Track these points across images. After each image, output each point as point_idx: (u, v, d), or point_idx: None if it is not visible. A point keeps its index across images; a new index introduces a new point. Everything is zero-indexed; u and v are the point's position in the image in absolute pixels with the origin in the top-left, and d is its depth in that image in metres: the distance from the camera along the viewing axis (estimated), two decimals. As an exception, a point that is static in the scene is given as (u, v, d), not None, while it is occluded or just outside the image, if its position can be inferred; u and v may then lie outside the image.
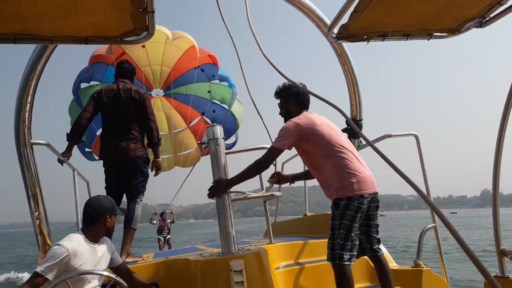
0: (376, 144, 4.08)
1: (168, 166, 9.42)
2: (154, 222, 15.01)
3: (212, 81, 8.83)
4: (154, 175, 4.13)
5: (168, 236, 15.32)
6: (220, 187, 2.91)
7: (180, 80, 9.30)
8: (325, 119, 3.02)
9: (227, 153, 3.22)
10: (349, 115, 4.16)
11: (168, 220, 15.43)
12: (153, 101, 9.66)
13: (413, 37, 2.47)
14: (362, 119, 4.11)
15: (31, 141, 3.29)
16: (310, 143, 2.86)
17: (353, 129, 4.12)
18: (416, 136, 3.68)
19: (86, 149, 8.34)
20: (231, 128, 9.66)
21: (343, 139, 2.90)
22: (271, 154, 2.87)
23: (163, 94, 10.03)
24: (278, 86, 3.16)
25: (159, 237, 15.29)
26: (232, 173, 3.21)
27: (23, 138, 3.22)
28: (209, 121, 9.63)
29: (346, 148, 2.83)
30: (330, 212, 4.65)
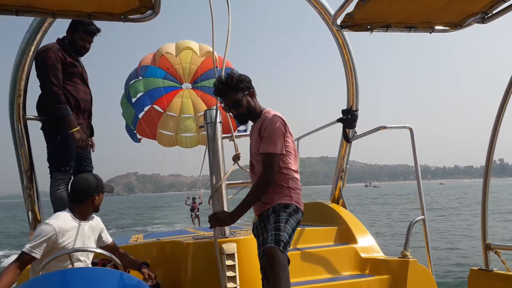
0: (370, 135, 4.11)
1: (191, 144, 11.64)
2: (187, 203, 22.72)
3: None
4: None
5: (198, 213, 22.40)
6: (221, 221, 2.68)
7: (204, 76, 11.82)
8: None
9: (236, 136, 3.25)
10: (345, 105, 4.18)
11: (198, 202, 22.24)
12: (183, 92, 12.39)
13: (415, 29, 2.49)
14: (358, 110, 4.14)
15: (26, 116, 3.25)
16: (287, 147, 2.59)
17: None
18: (410, 129, 3.72)
19: (134, 131, 10.58)
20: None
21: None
22: (273, 162, 2.49)
23: (191, 87, 12.50)
24: (226, 79, 2.60)
25: (191, 213, 22.81)
26: (228, 155, 3.25)
27: (17, 113, 3.17)
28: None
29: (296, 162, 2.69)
30: (322, 201, 4.74)
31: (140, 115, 11.13)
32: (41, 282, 2.17)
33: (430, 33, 2.58)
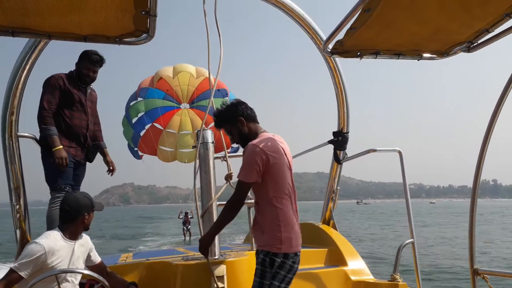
0: (360, 158, 4.14)
1: (189, 159, 12.20)
2: (180, 217, 26.17)
3: (224, 98, 11.81)
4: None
5: (189, 226, 25.14)
6: (205, 244, 2.66)
7: (201, 96, 12.86)
8: (283, 143, 2.60)
9: (229, 157, 3.26)
10: (336, 127, 4.23)
11: (190, 216, 25.10)
12: (181, 111, 13.35)
13: (404, 56, 2.56)
14: (348, 132, 4.19)
15: (18, 133, 3.24)
16: (267, 175, 2.43)
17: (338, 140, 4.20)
18: (399, 152, 3.77)
19: (134, 148, 11.26)
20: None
21: (290, 178, 2.54)
22: (240, 189, 2.45)
23: (189, 106, 13.48)
24: (216, 113, 2.68)
25: (183, 227, 25.68)
26: (220, 175, 3.29)
27: (9, 130, 3.17)
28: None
29: (291, 193, 2.50)
30: (313, 222, 4.74)
31: (142, 133, 11.74)
32: None
33: (418, 60, 2.65)
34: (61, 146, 3.46)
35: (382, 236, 28.24)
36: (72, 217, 2.66)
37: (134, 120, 11.88)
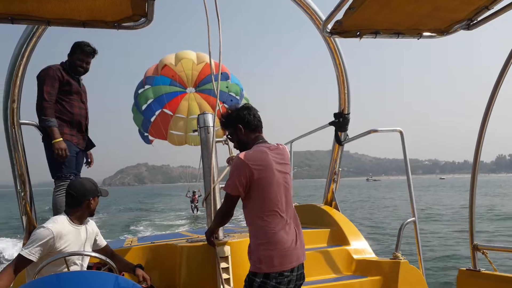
0: (361, 139, 4.15)
1: (196, 143, 12.75)
2: (188, 195, 31.34)
3: (226, 80, 12.46)
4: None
5: (197, 204, 29.30)
6: (208, 238, 2.82)
7: (205, 80, 13.49)
8: (282, 154, 2.51)
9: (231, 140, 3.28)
10: (337, 108, 4.24)
11: (198, 195, 29.27)
12: (188, 95, 14.06)
13: (403, 35, 2.54)
14: (349, 113, 4.19)
15: (20, 121, 3.26)
16: (251, 192, 2.36)
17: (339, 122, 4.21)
18: (400, 132, 3.78)
19: (145, 134, 11.80)
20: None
21: (283, 191, 2.42)
22: (227, 201, 2.46)
23: (195, 90, 14.18)
24: (221, 116, 2.69)
25: (191, 204, 30.46)
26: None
27: (11, 118, 3.19)
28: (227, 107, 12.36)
29: (280, 207, 2.37)
30: (315, 203, 4.79)
31: (152, 119, 12.38)
32: (36, 286, 2.19)
33: (418, 39, 2.64)
34: (61, 138, 3.51)
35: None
36: (78, 202, 2.71)
37: (143, 107, 12.40)
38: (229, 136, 2.70)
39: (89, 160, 4.11)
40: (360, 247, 3.93)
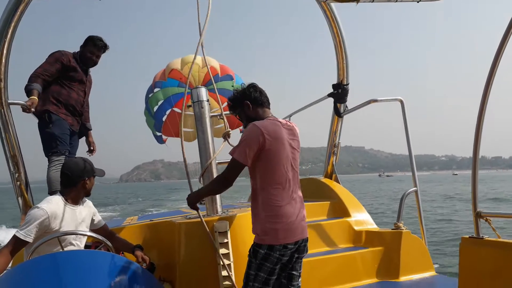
0: (361, 109, 4.06)
1: (189, 138, 12.34)
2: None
3: (232, 81, 12.04)
4: None
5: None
6: (190, 202, 2.60)
7: (210, 82, 13.28)
8: (291, 129, 2.47)
9: (226, 114, 3.19)
10: (336, 79, 4.13)
11: None
12: None
13: None
14: (348, 83, 4.09)
15: (8, 100, 3.17)
16: (259, 162, 2.31)
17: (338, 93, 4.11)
18: (401, 101, 3.70)
19: (158, 134, 11.39)
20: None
21: (291, 166, 2.38)
22: (233, 170, 2.34)
23: None
24: (229, 98, 2.64)
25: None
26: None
27: None
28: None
29: (287, 181, 2.34)
30: (316, 177, 4.75)
31: (163, 118, 13.05)
32: (31, 266, 2.15)
33: (418, 2, 2.52)
34: (37, 98, 3.39)
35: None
36: (73, 182, 2.65)
37: (155, 108, 13.09)
38: (238, 117, 2.59)
39: (92, 148, 4.21)
40: (361, 218, 3.91)
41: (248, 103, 2.48)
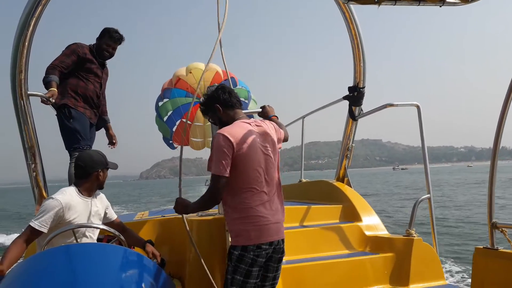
0: (376, 113, 4.03)
1: (198, 147, 13.30)
2: (206, 184, 28.76)
3: (236, 87, 12.68)
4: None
5: None
6: (178, 210, 2.62)
7: None
8: (265, 128, 2.47)
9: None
10: (352, 82, 4.10)
11: None
12: None
13: (425, 2, 2.39)
14: (364, 87, 4.06)
15: (28, 92, 3.22)
16: (233, 168, 2.29)
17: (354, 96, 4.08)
18: (417, 106, 3.66)
19: (170, 141, 12.28)
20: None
21: (265, 168, 2.37)
22: (216, 184, 2.30)
23: None
24: (200, 102, 2.65)
25: None
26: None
27: (19, 89, 3.15)
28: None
29: (260, 184, 2.34)
30: (327, 180, 4.73)
31: (174, 129, 13.48)
32: (45, 257, 2.18)
33: (440, 6, 2.48)
34: (56, 90, 3.43)
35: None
36: (86, 173, 2.68)
37: (165, 118, 13.47)
38: (211, 120, 2.62)
39: (114, 141, 4.26)
40: (372, 223, 3.88)
41: (218, 107, 2.49)
